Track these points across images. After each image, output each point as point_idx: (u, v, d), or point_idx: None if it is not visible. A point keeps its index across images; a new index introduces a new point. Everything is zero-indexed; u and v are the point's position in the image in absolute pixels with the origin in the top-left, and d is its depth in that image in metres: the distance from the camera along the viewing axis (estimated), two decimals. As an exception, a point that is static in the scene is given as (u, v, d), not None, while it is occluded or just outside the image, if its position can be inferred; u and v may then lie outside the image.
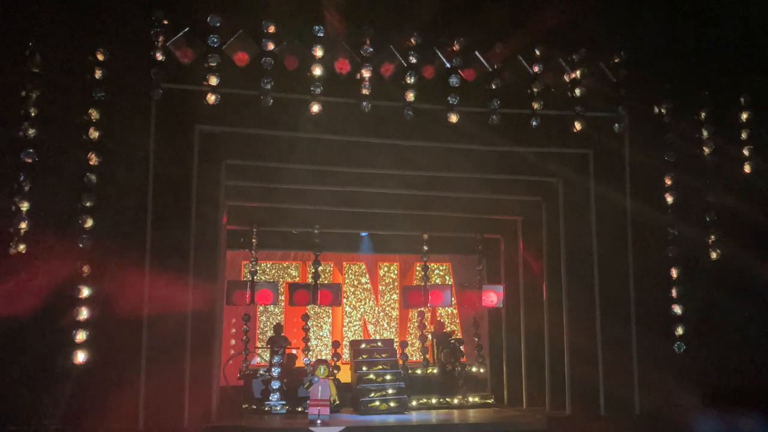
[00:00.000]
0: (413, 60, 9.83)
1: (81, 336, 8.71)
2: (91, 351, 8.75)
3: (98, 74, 9.02)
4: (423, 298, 12.48)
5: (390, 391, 11.11)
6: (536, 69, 10.18)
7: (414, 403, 11.57)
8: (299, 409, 11.19)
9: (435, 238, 12.86)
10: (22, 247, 8.67)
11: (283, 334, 11.98)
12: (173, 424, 8.96)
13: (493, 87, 10.03)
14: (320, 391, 10.07)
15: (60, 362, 8.66)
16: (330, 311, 13.54)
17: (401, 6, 9.88)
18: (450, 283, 13.86)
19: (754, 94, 10.95)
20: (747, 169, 10.88)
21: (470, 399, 12.03)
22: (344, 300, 13.43)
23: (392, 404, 10.93)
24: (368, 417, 10.59)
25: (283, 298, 12.75)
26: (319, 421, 9.86)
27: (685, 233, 10.56)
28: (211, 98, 9.27)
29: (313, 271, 12.28)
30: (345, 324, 13.74)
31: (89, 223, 8.89)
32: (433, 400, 11.86)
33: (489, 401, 12.14)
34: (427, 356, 12.67)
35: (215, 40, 9.30)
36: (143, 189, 9.16)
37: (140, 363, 8.91)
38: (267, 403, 11.24)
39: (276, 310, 13.34)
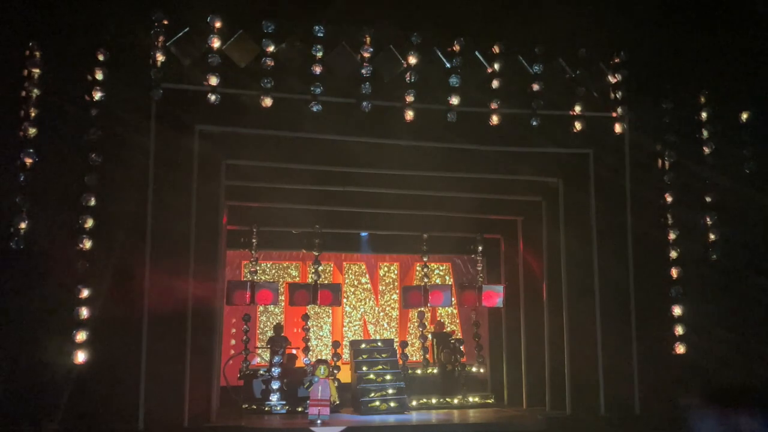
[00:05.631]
0: (413, 60, 9.84)
1: (81, 336, 8.71)
2: (91, 351, 8.75)
3: (98, 74, 9.03)
4: (423, 298, 12.49)
5: (390, 391, 11.12)
6: (536, 69, 10.18)
7: (414, 403, 11.58)
8: (299, 409, 11.21)
9: (435, 238, 12.87)
10: (22, 247, 8.66)
11: (283, 334, 12.01)
12: (173, 424, 8.96)
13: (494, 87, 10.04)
14: (320, 391, 10.08)
15: (60, 362, 8.66)
16: (330, 311, 13.56)
17: (403, 6, 9.90)
18: (450, 283, 13.87)
19: (754, 94, 10.95)
20: (747, 169, 10.87)
21: (470, 399, 12.05)
22: (344, 300, 13.45)
23: (392, 404, 10.94)
24: (368, 417, 10.60)
25: (283, 298, 12.76)
26: (319, 421, 9.87)
27: (685, 233, 10.55)
28: (211, 98, 9.28)
29: (313, 271, 12.29)
30: (345, 324, 13.75)
31: (89, 223, 8.89)
32: (433, 400, 11.88)
33: (489, 401, 12.16)
34: (427, 356, 12.68)
35: (215, 40, 9.30)
36: (143, 189, 9.16)
37: (140, 363, 8.90)
38: (267, 403, 11.26)
39: (276, 310, 13.36)
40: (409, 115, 9.82)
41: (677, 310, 10.37)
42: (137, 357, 8.91)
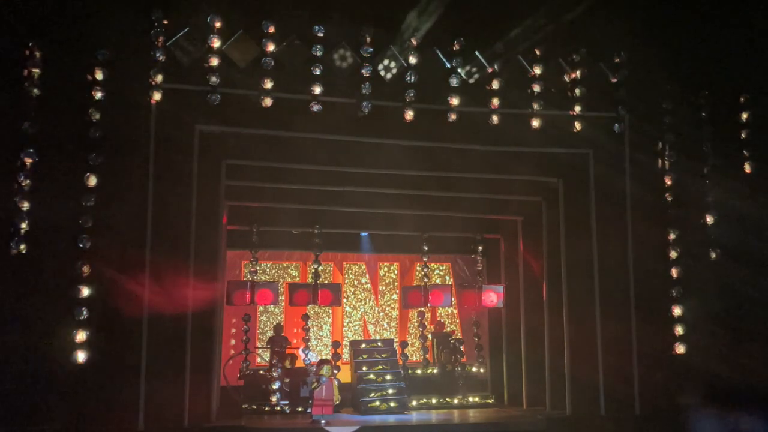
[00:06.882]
0: (413, 60, 9.85)
1: (81, 336, 8.71)
2: (91, 351, 8.75)
3: (98, 74, 9.03)
4: (423, 298, 12.48)
5: (390, 391, 11.11)
6: (536, 69, 10.18)
7: (414, 403, 11.57)
8: (299, 409, 11.21)
9: (435, 238, 12.87)
10: (22, 247, 8.66)
11: (283, 334, 12.01)
12: (173, 424, 8.97)
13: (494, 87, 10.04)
14: (324, 391, 10.09)
15: (60, 362, 8.66)
16: (330, 311, 13.55)
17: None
18: (450, 283, 13.87)
19: (754, 93, 10.96)
20: (747, 169, 10.88)
21: (470, 399, 12.04)
22: (344, 300, 13.44)
23: (392, 404, 10.93)
24: (368, 417, 10.59)
25: (283, 298, 12.75)
26: (323, 421, 9.88)
27: (685, 233, 10.56)
28: (211, 98, 9.28)
29: (313, 271, 12.29)
30: (345, 324, 13.74)
31: (89, 223, 8.89)
32: (433, 400, 11.87)
33: (489, 401, 12.16)
34: (427, 356, 12.68)
35: (215, 40, 9.31)
36: (143, 189, 9.16)
37: (140, 363, 8.91)
38: (267, 403, 11.25)
39: (276, 310, 13.35)
40: (409, 115, 9.82)
41: (677, 310, 10.38)
42: (137, 357, 8.91)
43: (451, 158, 10.51)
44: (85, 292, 8.78)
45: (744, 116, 11.01)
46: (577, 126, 10.29)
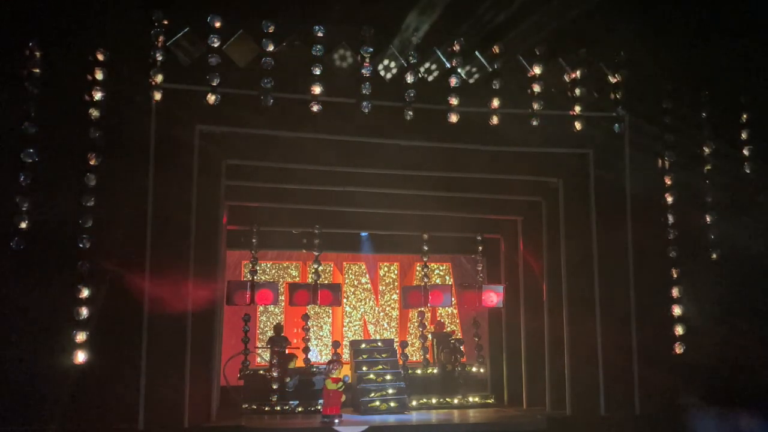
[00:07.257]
0: (413, 60, 9.85)
1: (81, 336, 8.71)
2: (91, 351, 8.75)
3: (98, 74, 9.02)
4: (423, 298, 12.49)
5: (390, 391, 11.12)
6: (536, 69, 10.18)
7: (414, 403, 11.58)
8: (299, 409, 11.22)
9: (435, 238, 12.88)
10: (22, 247, 8.65)
11: (283, 334, 12.01)
12: (173, 424, 8.96)
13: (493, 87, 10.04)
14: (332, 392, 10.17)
15: (60, 362, 8.66)
16: (330, 311, 13.57)
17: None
18: (450, 283, 13.88)
19: (754, 94, 10.96)
20: (747, 169, 10.89)
21: (470, 399, 12.05)
22: (344, 300, 13.45)
23: (392, 404, 10.93)
24: (368, 417, 10.59)
25: (283, 298, 12.76)
26: (336, 421, 9.91)
27: (685, 234, 10.56)
28: (211, 98, 9.28)
29: (313, 271, 12.29)
30: (345, 324, 13.76)
31: (89, 223, 8.89)
32: (433, 400, 11.88)
33: (489, 401, 12.16)
34: (427, 356, 12.69)
35: (215, 40, 9.31)
36: (143, 188, 9.16)
37: (140, 363, 8.91)
38: (267, 403, 11.26)
39: (276, 310, 13.36)
40: (409, 115, 9.81)
41: (677, 310, 10.37)
42: (137, 357, 8.91)
43: (450, 158, 10.51)
44: (85, 292, 8.78)
45: (744, 116, 11.01)
46: (577, 126, 10.28)
